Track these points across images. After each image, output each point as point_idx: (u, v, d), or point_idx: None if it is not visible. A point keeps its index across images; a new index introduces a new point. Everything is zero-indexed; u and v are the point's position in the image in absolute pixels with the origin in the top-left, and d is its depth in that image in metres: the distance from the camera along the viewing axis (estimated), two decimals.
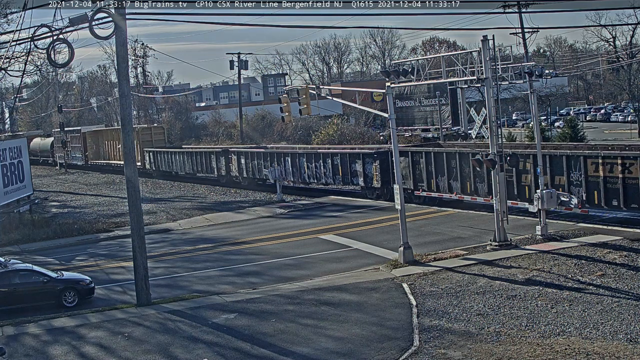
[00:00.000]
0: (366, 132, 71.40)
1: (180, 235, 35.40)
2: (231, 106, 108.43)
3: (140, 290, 22.56)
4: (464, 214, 33.18)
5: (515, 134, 53.66)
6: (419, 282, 22.21)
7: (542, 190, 26.19)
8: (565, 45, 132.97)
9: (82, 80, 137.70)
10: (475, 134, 30.42)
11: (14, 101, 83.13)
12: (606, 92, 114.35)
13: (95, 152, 79.55)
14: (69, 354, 18.43)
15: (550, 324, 17.35)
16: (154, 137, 68.79)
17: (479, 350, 16.07)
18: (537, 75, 26.37)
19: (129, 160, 23.02)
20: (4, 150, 38.96)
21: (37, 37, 23.44)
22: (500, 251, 24.93)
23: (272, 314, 20.20)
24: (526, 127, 67.43)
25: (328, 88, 36.26)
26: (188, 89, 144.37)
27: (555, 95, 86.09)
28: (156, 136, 69.38)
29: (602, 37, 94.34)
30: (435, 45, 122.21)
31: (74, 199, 53.08)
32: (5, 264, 23.92)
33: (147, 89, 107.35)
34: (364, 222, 33.87)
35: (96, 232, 37.52)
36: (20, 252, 32.72)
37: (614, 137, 72.20)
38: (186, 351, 17.80)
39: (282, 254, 28.59)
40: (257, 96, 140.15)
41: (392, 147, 26.19)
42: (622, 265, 21.94)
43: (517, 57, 58.03)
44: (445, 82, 31.36)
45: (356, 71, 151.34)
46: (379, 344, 17.11)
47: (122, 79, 22.86)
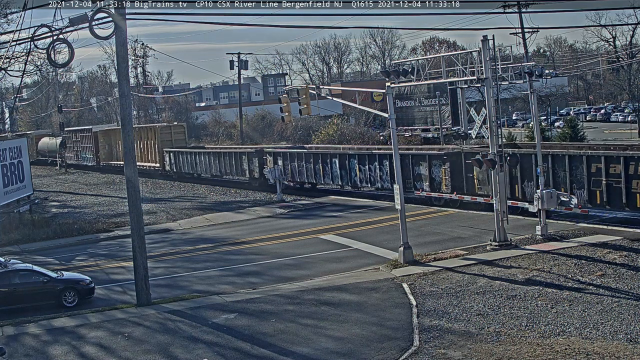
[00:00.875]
0: (366, 132, 71.41)
1: (180, 235, 35.40)
2: (231, 106, 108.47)
3: (140, 290, 22.56)
4: (464, 214, 33.18)
5: (515, 134, 53.66)
6: (419, 282, 22.21)
7: (542, 190, 26.19)
8: (565, 45, 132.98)
9: (82, 80, 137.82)
10: (475, 134, 30.43)
11: (14, 101, 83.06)
12: (606, 92, 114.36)
13: (108, 152, 75.56)
14: (69, 354, 18.43)
15: (550, 324, 17.35)
16: (174, 137, 64.27)
17: (479, 350, 16.07)
18: (537, 75, 26.37)
19: (129, 160, 23.04)
20: (4, 150, 38.94)
21: (37, 37, 23.46)
22: (500, 251, 24.93)
23: (272, 314, 20.20)
24: (526, 127, 67.46)
25: (328, 88, 36.28)
26: (188, 89, 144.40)
27: (555, 95, 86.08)
28: (176, 135, 64.84)
29: (602, 37, 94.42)
30: (435, 45, 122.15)
31: (74, 199, 53.07)
32: (5, 264, 23.92)
33: (147, 89, 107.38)
34: (364, 222, 33.87)
35: (96, 232, 37.52)
36: (20, 252, 32.72)
37: (614, 137, 72.22)
38: (186, 351, 17.80)
39: (282, 254, 28.59)
40: (257, 96, 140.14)
41: (392, 147, 26.17)
42: (622, 265, 21.94)
43: (517, 57, 58.07)
44: (445, 82, 31.36)
45: (356, 71, 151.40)
46: (379, 344, 17.11)
47: (122, 79, 22.87)
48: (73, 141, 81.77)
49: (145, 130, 68.20)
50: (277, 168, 45.06)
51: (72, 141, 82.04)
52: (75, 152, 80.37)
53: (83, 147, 79.08)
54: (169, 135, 64.26)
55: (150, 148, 65.14)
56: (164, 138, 63.63)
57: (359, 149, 45.97)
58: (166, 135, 64.05)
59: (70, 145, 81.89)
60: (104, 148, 75.92)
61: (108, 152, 75.37)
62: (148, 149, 65.71)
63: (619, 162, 27.28)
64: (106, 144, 75.51)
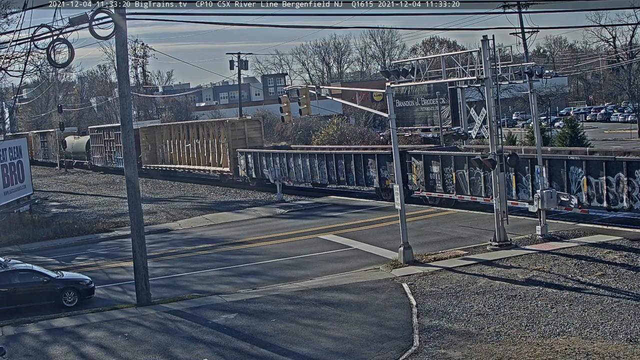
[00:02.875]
0: (366, 132, 71.50)
1: (180, 235, 35.40)
2: (231, 106, 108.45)
3: (140, 290, 22.56)
4: (464, 214, 33.17)
5: (515, 134, 53.66)
6: (419, 282, 22.20)
7: (542, 190, 26.18)
8: (565, 45, 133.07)
9: (82, 80, 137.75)
10: (475, 134, 30.43)
11: (14, 101, 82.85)
12: (606, 92, 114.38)
13: (152, 154, 65.20)
14: (68, 354, 18.43)
15: (550, 324, 17.35)
16: (248, 134, 52.81)
17: (479, 350, 16.07)
18: (537, 75, 26.38)
19: (129, 160, 23.03)
20: (4, 150, 38.97)
21: (37, 37, 23.44)
22: (500, 251, 24.93)
23: (272, 314, 20.19)
24: (526, 127, 67.49)
25: (328, 88, 36.23)
26: (188, 89, 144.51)
27: (555, 95, 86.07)
28: (251, 132, 53.16)
29: (602, 37, 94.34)
30: (435, 45, 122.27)
31: (74, 199, 53.09)
32: (5, 264, 23.92)
33: (147, 89, 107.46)
34: (364, 222, 33.87)
35: (96, 232, 37.52)
36: (20, 252, 32.73)
37: (614, 137, 72.25)
38: (186, 351, 17.80)
39: (282, 254, 28.59)
40: (257, 96, 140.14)
41: (393, 148, 26.17)
42: (622, 265, 21.93)
43: (517, 57, 58.00)
44: (445, 82, 31.33)
45: (356, 71, 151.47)
46: (379, 344, 17.10)
47: (122, 79, 22.87)
48: (105, 140, 70.72)
49: (207, 126, 57.65)
50: (277, 168, 45.03)
51: (102, 140, 71.12)
52: (107, 154, 69.55)
53: (118, 148, 65.80)
54: (241, 133, 52.81)
55: (216, 148, 55.02)
56: (237, 136, 52.47)
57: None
58: (238, 133, 52.71)
59: (100, 146, 71.58)
60: (147, 149, 65.47)
61: (152, 153, 65.42)
62: (212, 150, 55.66)
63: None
64: (149, 144, 65.71)
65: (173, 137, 62.16)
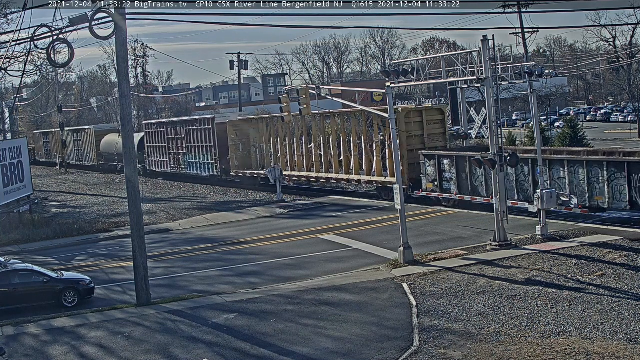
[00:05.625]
0: None
1: (180, 235, 35.40)
2: (231, 106, 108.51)
3: (140, 290, 22.56)
4: (464, 214, 33.16)
5: (515, 134, 53.64)
6: (419, 282, 22.20)
7: (542, 190, 26.19)
8: (565, 45, 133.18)
9: (82, 80, 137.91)
10: (475, 134, 30.44)
11: (14, 101, 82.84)
12: (606, 92, 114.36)
13: (244, 157, 50.65)
14: (68, 354, 18.43)
15: (550, 324, 17.35)
16: (427, 129, 37.28)
17: (479, 350, 16.07)
18: (537, 75, 26.41)
19: (128, 160, 23.04)
20: (4, 150, 38.97)
21: (37, 37, 23.44)
22: (500, 251, 24.93)
23: (271, 314, 20.19)
24: (526, 127, 67.44)
25: (328, 88, 36.23)
26: (188, 89, 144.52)
27: (555, 95, 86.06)
28: (430, 127, 37.42)
29: (602, 37, 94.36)
30: (436, 45, 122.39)
31: (74, 199, 53.08)
32: (5, 264, 23.92)
33: (147, 89, 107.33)
34: (364, 222, 33.86)
35: (96, 232, 37.52)
36: (20, 252, 32.72)
37: (614, 137, 72.23)
38: (186, 351, 17.80)
39: (281, 254, 28.58)
40: (257, 96, 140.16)
41: (393, 148, 26.15)
42: (622, 265, 21.93)
43: (517, 57, 58.07)
44: (445, 82, 31.38)
45: (356, 71, 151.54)
46: (379, 344, 17.10)
47: (122, 79, 22.86)
48: (167, 138, 57.01)
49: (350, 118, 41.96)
50: (276, 168, 45.00)
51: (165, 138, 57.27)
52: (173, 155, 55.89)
53: (190, 148, 54.33)
54: (419, 126, 37.17)
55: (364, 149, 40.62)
56: (411, 129, 36.84)
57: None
58: (414, 126, 37.03)
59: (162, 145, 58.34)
60: (236, 150, 50.82)
61: (244, 156, 50.86)
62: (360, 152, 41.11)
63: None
64: (240, 143, 50.91)
65: (281, 133, 47.78)
